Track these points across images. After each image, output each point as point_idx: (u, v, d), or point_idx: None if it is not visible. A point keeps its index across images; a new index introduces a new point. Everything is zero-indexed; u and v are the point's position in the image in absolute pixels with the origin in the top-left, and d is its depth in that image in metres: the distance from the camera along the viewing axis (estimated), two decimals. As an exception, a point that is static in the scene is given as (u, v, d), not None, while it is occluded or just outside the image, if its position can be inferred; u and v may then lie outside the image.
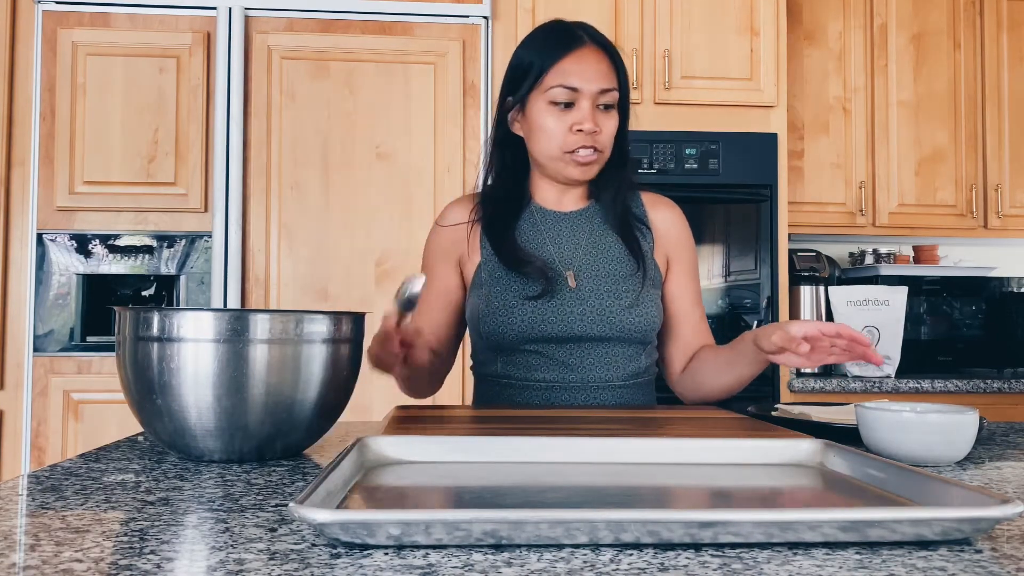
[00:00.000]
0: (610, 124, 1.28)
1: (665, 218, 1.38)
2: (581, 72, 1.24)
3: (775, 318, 2.54)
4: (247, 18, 2.39)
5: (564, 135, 1.25)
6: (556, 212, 1.35)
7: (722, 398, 1.32)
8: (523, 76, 1.28)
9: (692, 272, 1.39)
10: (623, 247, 1.32)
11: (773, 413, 1.21)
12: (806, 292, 2.86)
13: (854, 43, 2.96)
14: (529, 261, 1.27)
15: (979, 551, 0.56)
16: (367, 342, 1.05)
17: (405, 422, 1.00)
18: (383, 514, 0.54)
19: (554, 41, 1.27)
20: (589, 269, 1.30)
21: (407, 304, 0.97)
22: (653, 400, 1.38)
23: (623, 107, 1.31)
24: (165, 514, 0.65)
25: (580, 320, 1.26)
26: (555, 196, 1.36)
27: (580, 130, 1.24)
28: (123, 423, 2.28)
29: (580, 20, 1.33)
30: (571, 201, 1.36)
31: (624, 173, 1.35)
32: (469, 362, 1.43)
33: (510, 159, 1.36)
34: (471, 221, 1.34)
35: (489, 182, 1.38)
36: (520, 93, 1.28)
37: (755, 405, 1.29)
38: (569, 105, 1.25)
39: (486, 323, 1.28)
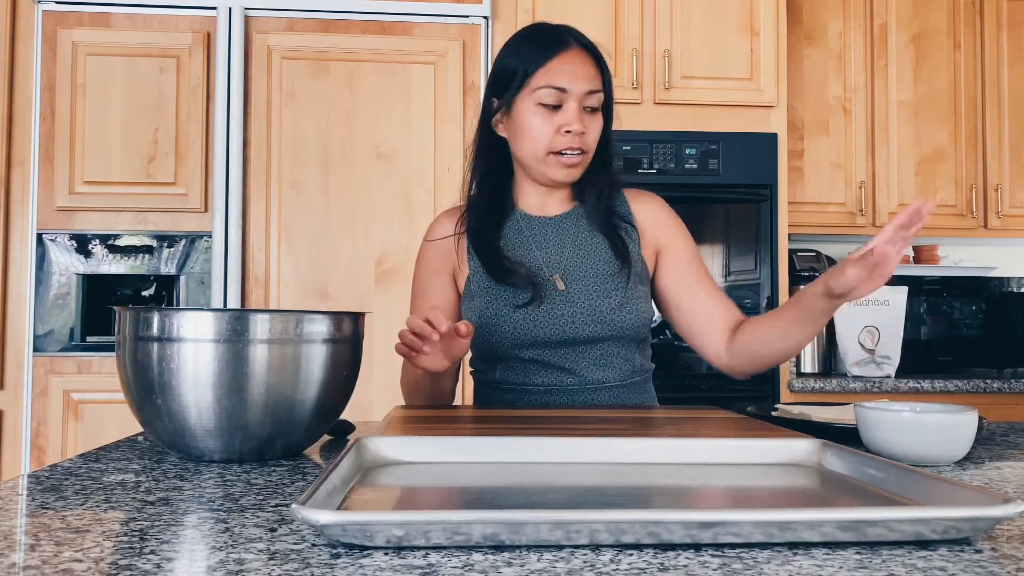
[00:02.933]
0: (596, 126, 1.28)
1: (648, 210, 1.37)
2: (569, 73, 1.24)
3: (775, 318, 2.53)
4: (247, 18, 2.39)
5: (551, 136, 1.25)
6: (541, 217, 1.34)
7: (782, 362, 1.28)
8: (510, 77, 1.27)
9: (691, 252, 1.36)
10: (608, 247, 1.32)
11: (773, 413, 1.21)
12: (806, 292, 2.85)
13: (854, 43, 2.97)
14: (515, 270, 1.27)
15: (979, 551, 0.56)
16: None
17: (404, 422, 1.00)
18: (386, 515, 0.54)
19: (541, 43, 1.27)
20: (576, 271, 1.30)
21: None
22: (653, 398, 1.39)
23: (607, 109, 1.32)
24: (165, 514, 0.65)
25: (572, 322, 1.26)
26: (539, 200, 1.35)
27: (568, 131, 1.24)
28: (123, 423, 2.28)
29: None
30: (555, 204, 1.36)
31: (607, 175, 1.35)
32: (469, 368, 1.43)
33: (495, 162, 1.36)
34: (458, 233, 1.35)
35: (473, 189, 1.38)
36: (507, 95, 1.28)
37: (755, 405, 1.28)
38: (556, 107, 1.25)
39: (480, 335, 1.28)
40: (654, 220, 1.36)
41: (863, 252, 1.04)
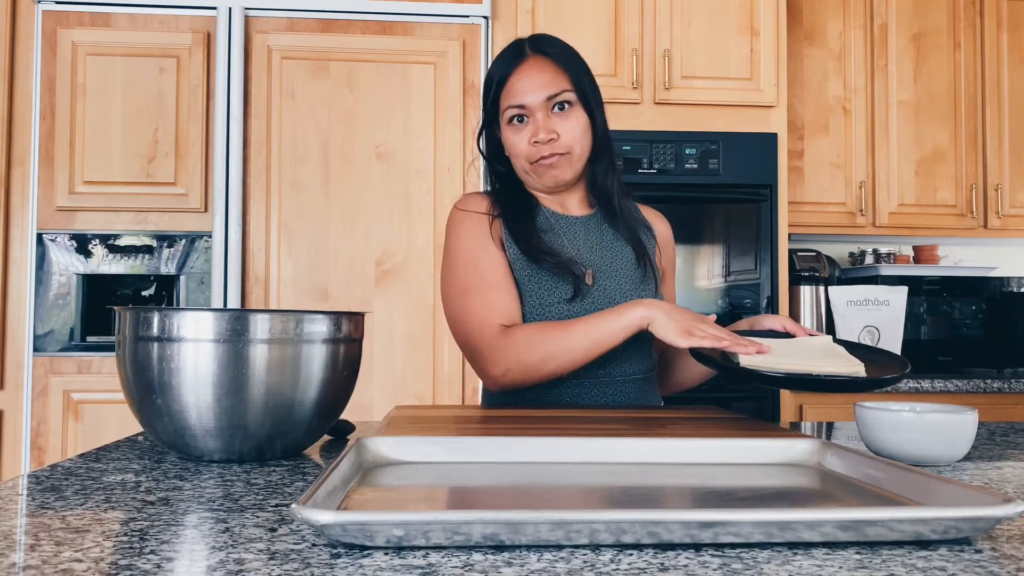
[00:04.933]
0: (569, 123, 1.30)
1: (663, 231, 1.47)
2: (523, 88, 1.30)
3: (775, 318, 2.53)
4: (247, 18, 2.39)
5: (527, 148, 1.31)
6: (568, 216, 1.37)
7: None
8: (486, 102, 1.35)
9: (673, 291, 1.51)
10: (631, 251, 1.36)
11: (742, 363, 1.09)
12: (806, 292, 2.86)
13: (854, 43, 2.96)
14: (559, 260, 1.28)
15: (979, 551, 0.56)
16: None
17: (404, 422, 1.00)
18: (386, 515, 0.54)
19: (501, 64, 1.34)
20: (607, 269, 1.33)
21: None
22: (658, 395, 1.42)
23: (589, 104, 1.32)
24: (165, 514, 0.65)
25: None
26: (558, 204, 1.38)
27: (537, 141, 1.29)
28: (123, 423, 2.28)
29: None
30: (575, 207, 1.39)
31: (617, 177, 1.39)
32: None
33: (505, 174, 1.39)
34: (492, 215, 1.33)
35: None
36: (486, 118, 1.36)
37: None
38: (525, 120, 1.31)
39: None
40: (667, 244, 1.47)
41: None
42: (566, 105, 1.30)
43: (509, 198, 1.36)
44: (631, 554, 0.54)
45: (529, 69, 1.30)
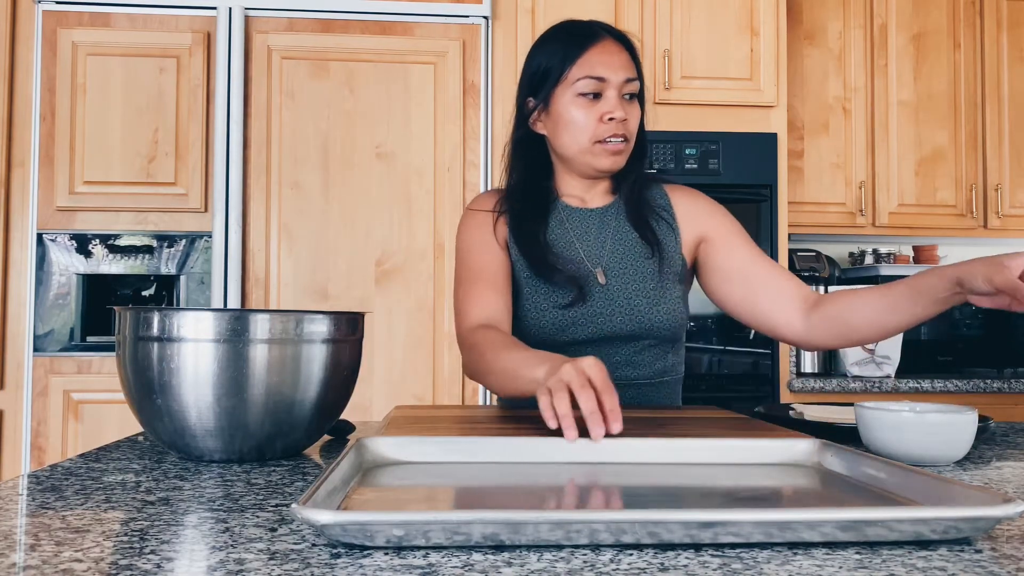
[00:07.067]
0: (635, 113, 1.29)
1: (686, 203, 1.37)
2: (606, 63, 1.26)
3: (775, 318, 2.53)
4: (247, 18, 2.39)
5: (595, 125, 1.26)
6: (583, 209, 1.34)
7: (871, 340, 1.21)
8: (545, 74, 1.28)
9: (743, 233, 1.34)
10: (645, 243, 1.31)
11: (790, 414, 1.21)
12: (806, 292, 2.85)
13: (854, 43, 2.97)
14: (559, 269, 1.26)
15: (979, 551, 0.56)
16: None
17: (404, 422, 1.00)
18: (386, 515, 0.54)
19: (575, 37, 1.29)
20: (617, 266, 1.30)
21: None
22: (678, 400, 1.37)
23: (642, 100, 1.32)
24: (165, 514, 0.65)
25: (609, 320, 1.26)
26: (581, 193, 1.35)
27: (612, 118, 1.25)
28: (123, 423, 2.28)
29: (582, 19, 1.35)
30: (596, 197, 1.35)
31: (641, 166, 1.35)
32: None
33: (533, 158, 1.35)
34: (496, 212, 1.32)
35: (513, 180, 1.36)
36: (544, 91, 1.29)
37: (763, 405, 1.29)
38: (596, 96, 1.26)
39: (515, 329, 1.28)
40: (693, 211, 1.35)
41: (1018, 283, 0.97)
42: (634, 95, 1.29)
43: (524, 195, 1.33)
44: (631, 554, 0.54)
45: (608, 47, 1.27)
